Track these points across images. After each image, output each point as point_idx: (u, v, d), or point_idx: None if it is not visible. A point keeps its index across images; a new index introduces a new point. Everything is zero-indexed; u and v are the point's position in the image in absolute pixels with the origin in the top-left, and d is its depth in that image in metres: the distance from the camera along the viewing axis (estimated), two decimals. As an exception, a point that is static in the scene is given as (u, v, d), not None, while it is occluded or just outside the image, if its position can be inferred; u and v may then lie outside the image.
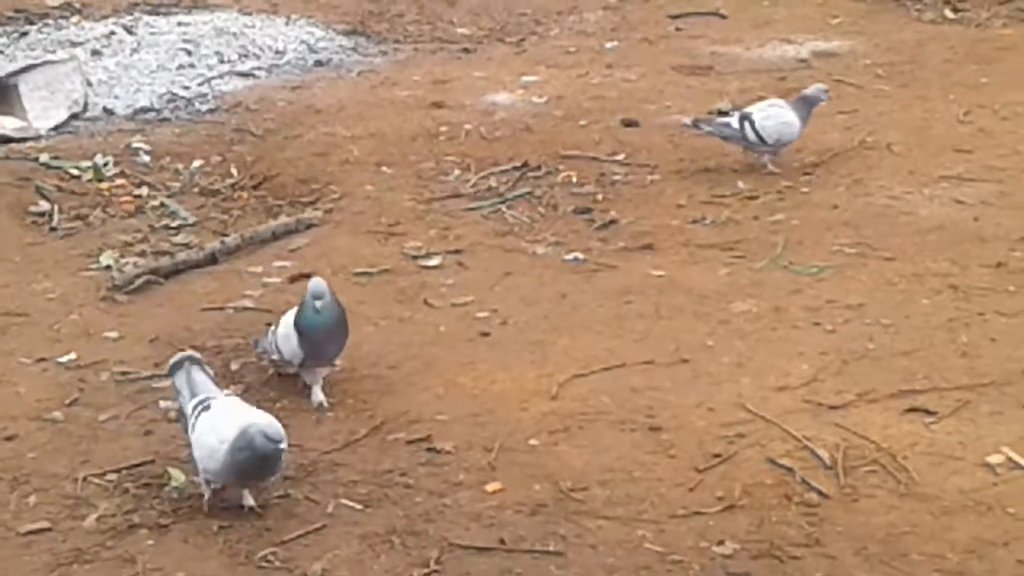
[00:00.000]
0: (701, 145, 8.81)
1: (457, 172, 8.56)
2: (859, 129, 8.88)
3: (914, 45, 10.65)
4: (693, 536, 5.10)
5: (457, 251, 7.50)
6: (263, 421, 5.15)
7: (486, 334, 6.62)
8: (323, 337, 5.93)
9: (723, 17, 11.62)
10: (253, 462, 5.09)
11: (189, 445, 5.31)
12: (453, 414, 5.89)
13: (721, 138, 8.45)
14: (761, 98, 9.05)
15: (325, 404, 5.94)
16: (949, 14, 11.46)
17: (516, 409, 5.91)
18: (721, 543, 5.05)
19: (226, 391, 5.42)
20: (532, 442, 5.68)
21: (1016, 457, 5.46)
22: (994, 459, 5.46)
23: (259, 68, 10.65)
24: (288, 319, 5.98)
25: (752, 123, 8.24)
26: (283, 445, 5.05)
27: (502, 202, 8.11)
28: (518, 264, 7.35)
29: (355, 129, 9.28)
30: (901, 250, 7.29)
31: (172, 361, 5.55)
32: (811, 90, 8.50)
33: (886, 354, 6.29)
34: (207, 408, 5.25)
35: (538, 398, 6.03)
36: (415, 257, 7.45)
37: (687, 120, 8.65)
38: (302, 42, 11.14)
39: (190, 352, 5.60)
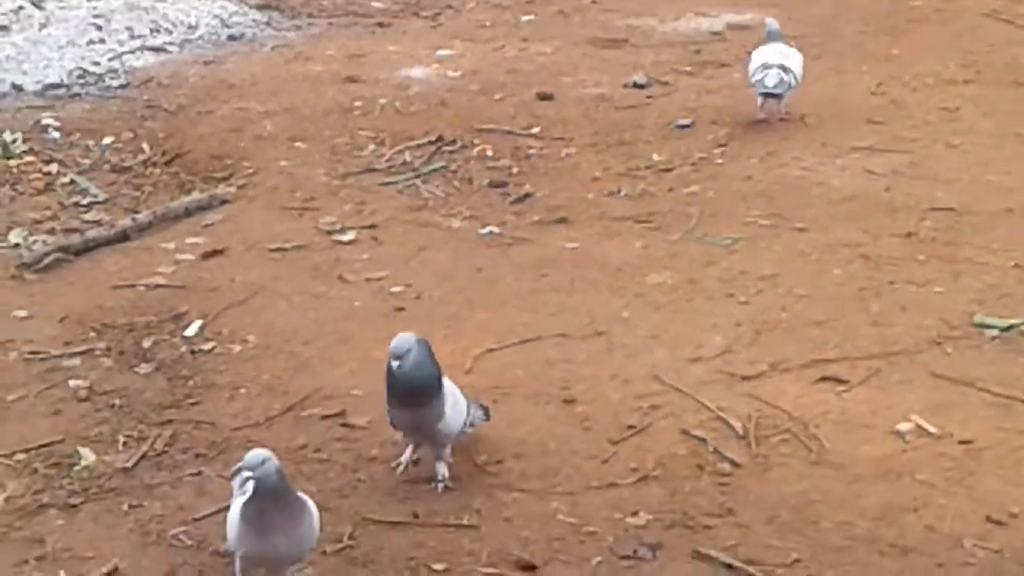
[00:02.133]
0: (617, 118, 8.83)
1: (372, 147, 8.51)
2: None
3: (828, 17, 10.71)
4: (607, 507, 5.12)
5: (372, 226, 7.46)
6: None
7: (401, 309, 6.60)
8: None
9: (638, -10, 11.62)
10: (257, 499, 4.51)
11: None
12: (367, 389, 5.84)
13: (777, 96, 8.43)
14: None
15: (443, 476, 5.30)
16: (862, -15, 11.53)
17: (431, 383, 5.89)
18: (635, 514, 5.08)
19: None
20: (447, 416, 5.66)
21: (925, 424, 5.52)
22: (904, 427, 5.52)
23: (171, 43, 10.52)
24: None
25: (790, 71, 8.37)
26: (271, 462, 4.47)
27: (417, 177, 8.07)
28: (433, 239, 7.32)
29: (269, 104, 9.20)
30: (814, 221, 7.34)
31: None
32: (769, 25, 8.65)
33: (798, 324, 6.34)
34: None
35: (453, 372, 5.96)
36: (329, 232, 7.40)
37: (769, 86, 8.37)
38: (215, 16, 11.01)
39: None
